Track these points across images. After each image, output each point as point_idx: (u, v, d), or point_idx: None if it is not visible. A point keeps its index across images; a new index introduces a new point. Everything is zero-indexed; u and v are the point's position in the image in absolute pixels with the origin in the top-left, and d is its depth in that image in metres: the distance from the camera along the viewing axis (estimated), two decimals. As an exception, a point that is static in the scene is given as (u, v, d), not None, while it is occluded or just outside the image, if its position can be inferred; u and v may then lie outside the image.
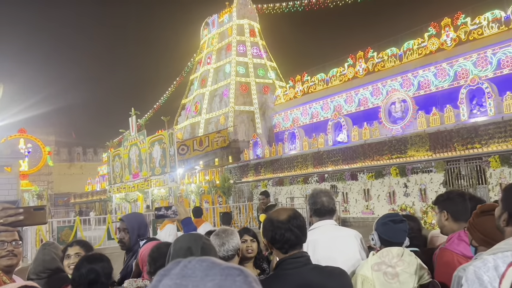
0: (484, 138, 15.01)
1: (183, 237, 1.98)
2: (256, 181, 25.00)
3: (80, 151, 64.32)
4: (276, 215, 1.99)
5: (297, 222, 1.94)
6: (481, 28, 18.32)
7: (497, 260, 1.54)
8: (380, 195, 18.32)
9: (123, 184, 25.53)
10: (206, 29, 42.10)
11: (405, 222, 2.46)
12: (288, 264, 1.90)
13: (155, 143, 21.98)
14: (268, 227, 1.96)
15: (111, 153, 27.87)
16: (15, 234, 2.01)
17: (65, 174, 60.43)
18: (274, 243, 1.94)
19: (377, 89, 22.65)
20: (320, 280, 1.88)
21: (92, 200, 44.82)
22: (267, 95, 34.14)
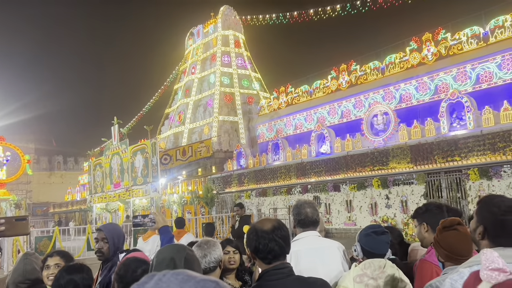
0: (464, 151, 15.31)
1: (166, 248, 1.95)
2: (239, 191, 24.93)
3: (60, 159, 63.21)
4: (260, 225, 1.99)
5: (281, 233, 1.94)
6: (460, 44, 18.79)
7: None
8: (362, 207, 18.45)
9: (104, 193, 25.15)
10: (191, 39, 42.17)
11: (387, 234, 2.48)
12: (271, 275, 1.90)
13: (138, 153, 21.77)
14: (252, 237, 1.95)
15: (92, 162, 27.48)
16: None
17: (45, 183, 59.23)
18: (258, 253, 1.93)
19: (360, 102, 22.95)
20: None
21: (72, 210, 43.98)
22: (251, 106, 34.26)
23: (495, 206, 1.68)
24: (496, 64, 17.52)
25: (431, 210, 2.61)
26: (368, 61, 23.02)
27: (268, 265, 1.93)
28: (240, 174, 25.21)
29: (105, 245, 2.92)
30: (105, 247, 2.93)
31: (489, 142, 14.74)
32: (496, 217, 1.65)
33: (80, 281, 2.25)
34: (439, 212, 2.59)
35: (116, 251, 2.98)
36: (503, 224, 1.63)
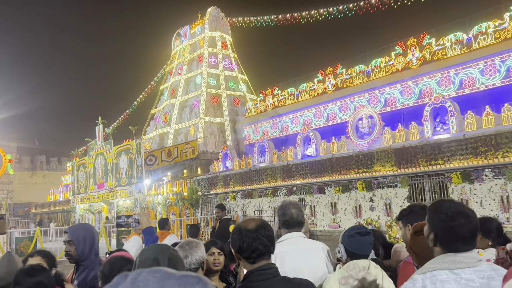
0: (447, 155, 15.53)
1: (149, 248, 1.93)
2: (225, 193, 24.87)
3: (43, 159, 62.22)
4: (245, 224, 1.98)
5: (266, 232, 1.93)
6: (444, 49, 19.09)
7: (425, 280, 1.58)
8: (347, 209, 18.57)
9: (87, 194, 24.82)
10: (177, 40, 41.99)
11: (370, 235, 2.49)
12: (256, 276, 1.88)
13: (122, 153, 21.55)
14: (236, 236, 1.94)
15: (75, 162, 27.11)
16: None
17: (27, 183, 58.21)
18: (242, 252, 1.92)
19: (345, 105, 23.12)
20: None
21: (54, 210, 43.30)
22: (238, 108, 34.25)
23: (442, 212, 1.69)
24: (479, 70, 17.85)
25: (416, 212, 2.62)
26: (354, 65, 23.23)
27: (252, 265, 1.92)
28: (225, 176, 25.15)
29: (71, 247, 2.81)
30: (72, 249, 2.82)
31: (471, 146, 14.98)
32: (445, 224, 1.66)
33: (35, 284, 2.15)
34: (424, 213, 2.60)
35: (90, 251, 2.88)
36: (451, 230, 1.64)
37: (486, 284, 1.56)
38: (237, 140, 31.89)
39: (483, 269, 1.60)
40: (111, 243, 15.82)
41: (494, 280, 1.57)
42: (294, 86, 26.69)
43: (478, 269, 1.59)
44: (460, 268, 1.58)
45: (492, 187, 14.32)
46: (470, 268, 1.59)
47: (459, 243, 1.64)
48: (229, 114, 34.56)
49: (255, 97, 33.77)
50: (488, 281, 1.57)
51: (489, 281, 1.57)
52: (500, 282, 1.55)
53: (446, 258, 1.63)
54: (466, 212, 1.66)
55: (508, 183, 13.92)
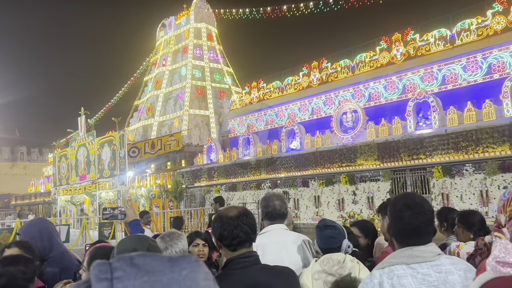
0: (429, 149, 15.76)
1: (128, 238, 1.91)
2: (208, 186, 24.82)
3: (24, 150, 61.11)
4: (226, 212, 1.95)
5: (247, 220, 1.91)
6: (428, 45, 19.29)
7: (382, 276, 1.57)
8: (330, 202, 18.72)
9: (69, 186, 24.50)
10: (162, 31, 41.52)
11: (332, 228, 2.41)
12: (237, 263, 1.87)
13: (105, 145, 21.30)
14: (217, 224, 1.91)
15: (57, 153, 26.70)
16: None
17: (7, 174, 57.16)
18: (222, 240, 1.89)
19: (330, 99, 23.23)
20: (268, 280, 1.87)
21: (35, 202, 42.64)
22: (223, 100, 34.12)
23: (392, 204, 1.70)
24: (461, 66, 18.09)
25: None
26: (339, 59, 23.31)
27: (233, 253, 1.90)
28: (210, 169, 25.09)
29: None
30: None
31: (452, 141, 15.23)
32: (393, 216, 1.67)
33: (16, 273, 2.07)
34: None
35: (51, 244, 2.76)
36: (398, 222, 1.64)
37: (443, 278, 1.54)
38: (222, 133, 31.79)
39: (442, 263, 1.58)
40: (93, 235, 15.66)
41: (452, 274, 1.55)
42: (280, 80, 26.68)
43: (436, 263, 1.57)
44: (417, 263, 1.56)
45: (472, 181, 14.60)
46: (428, 262, 1.57)
47: (408, 236, 1.61)
48: (214, 106, 34.40)
49: (241, 90, 33.66)
50: (446, 275, 1.55)
51: (447, 275, 1.55)
52: (459, 276, 1.55)
53: (403, 252, 1.61)
54: (415, 205, 1.63)
55: (488, 177, 14.21)
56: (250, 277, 1.84)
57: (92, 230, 16.85)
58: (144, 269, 0.53)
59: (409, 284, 1.53)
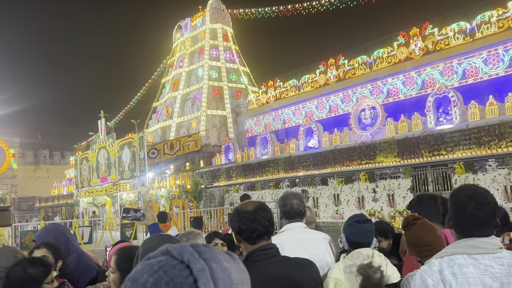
0: (450, 145, 15.47)
1: (152, 238, 1.95)
2: (227, 185, 24.91)
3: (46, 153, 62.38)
4: (243, 206, 1.98)
5: (264, 213, 1.93)
6: (447, 39, 18.94)
7: (442, 264, 1.56)
8: (350, 200, 18.57)
9: (90, 188, 24.91)
10: (178, 33, 41.83)
11: (370, 222, 2.47)
12: (257, 255, 1.90)
13: (125, 147, 21.58)
14: (235, 218, 1.94)
15: (78, 156, 27.18)
16: None
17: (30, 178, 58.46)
18: (241, 234, 1.92)
19: (348, 96, 23.04)
20: (288, 272, 1.89)
21: (58, 204, 43.52)
22: (240, 100, 34.18)
23: (455, 195, 1.69)
24: (482, 60, 17.71)
25: (424, 201, 2.61)
26: (356, 56, 23.10)
27: (253, 246, 1.93)
28: (228, 168, 25.18)
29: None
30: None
31: (474, 136, 14.92)
32: (455, 207, 1.66)
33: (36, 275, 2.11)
34: (432, 203, 2.59)
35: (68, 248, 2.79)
36: (460, 213, 1.63)
37: (506, 271, 1.53)
38: (239, 133, 31.86)
39: (503, 256, 1.57)
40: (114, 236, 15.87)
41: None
42: (296, 78, 26.58)
43: (498, 256, 1.56)
44: (479, 254, 1.56)
45: (496, 177, 14.28)
46: (490, 254, 1.56)
47: (471, 228, 1.61)
48: (231, 106, 34.50)
49: (257, 90, 33.67)
50: (509, 268, 1.54)
51: (509, 268, 1.54)
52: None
53: (464, 242, 1.60)
54: (478, 197, 1.62)
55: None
56: (271, 269, 1.87)
57: (114, 231, 17.09)
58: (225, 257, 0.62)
59: (471, 273, 1.52)
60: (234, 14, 39.93)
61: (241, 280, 0.60)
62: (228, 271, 0.59)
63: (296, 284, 1.88)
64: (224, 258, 0.61)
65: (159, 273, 0.59)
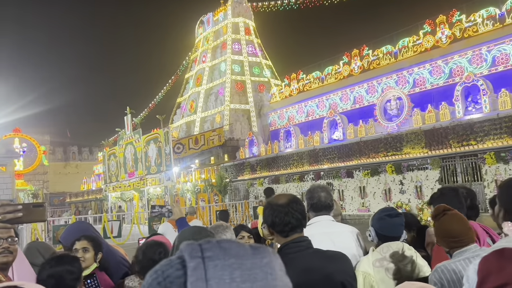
0: (480, 135, 15.06)
1: (187, 229, 2.01)
2: (252, 179, 24.99)
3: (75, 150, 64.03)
4: (276, 199, 1.99)
5: (297, 206, 1.94)
6: (476, 26, 18.37)
7: None
8: (376, 193, 18.35)
9: (118, 183, 25.43)
10: (201, 28, 42.00)
11: (401, 216, 2.44)
12: (290, 248, 1.91)
13: (151, 142, 21.90)
14: (268, 212, 1.95)
15: (106, 152, 27.76)
16: (11, 230, 1.95)
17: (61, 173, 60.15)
18: (275, 227, 1.94)
19: (372, 87, 22.69)
20: (321, 264, 1.90)
21: (88, 199, 44.65)
22: (263, 94, 34.11)
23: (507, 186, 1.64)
24: (513, 46, 17.12)
25: (446, 194, 2.56)
26: (381, 46, 22.68)
27: (286, 238, 1.94)
28: (252, 162, 25.24)
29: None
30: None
31: (505, 125, 14.47)
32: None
33: (64, 273, 2.11)
34: (455, 195, 2.54)
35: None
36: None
37: None
38: (263, 126, 31.85)
39: None
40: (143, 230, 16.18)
41: None
42: (319, 70, 26.33)
43: None
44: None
45: (528, 167, 13.83)
46: None
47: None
48: (254, 100, 34.49)
49: (280, 83, 33.53)
50: None
51: None
52: None
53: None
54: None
55: (546, 162, 13.42)
56: (304, 261, 1.88)
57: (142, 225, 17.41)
58: (230, 252, 0.58)
59: None
60: (255, 7, 39.80)
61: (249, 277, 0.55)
62: (233, 267, 0.55)
63: (329, 277, 1.88)
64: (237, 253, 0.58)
65: (158, 273, 0.59)
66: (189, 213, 7.70)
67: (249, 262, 0.57)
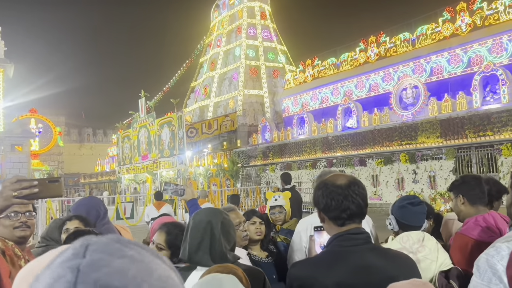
0: (497, 125, 14.79)
1: (203, 210, 1.99)
2: (264, 165, 25.02)
3: (90, 132, 64.82)
4: (333, 179, 1.64)
5: (359, 190, 1.61)
6: (497, 14, 17.90)
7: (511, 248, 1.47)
8: (389, 181, 18.24)
9: (132, 165, 25.71)
10: (216, 11, 41.73)
11: (423, 205, 2.38)
12: (345, 240, 1.59)
13: (164, 125, 22.02)
14: (322, 192, 1.62)
15: (120, 134, 28.00)
16: (29, 205, 1.98)
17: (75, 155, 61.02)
18: (329, 212, 1.61)
19: (389, 75, 22.37)
20: (382, 264, 1.58)
21: (101, 180, 45.31)
22: (277, 79, 33.93)
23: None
24: (535, 35, 16.66)
25: (468, 182, 2.49)
26: (398, 33, 22.28)
27: (340, 228, 1.61)
28: (265, 148, 25.25)
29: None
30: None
31: (524, 116, 14.18)
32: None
33: None
34: (477, 183, 2.47)
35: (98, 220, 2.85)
36: None
37: None
38: (276, 112, 31.75)
39: None
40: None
41: None
42: (335, 56, 26.03)
43: None
44: None
45: (546, 159, 13.58)
46: None
47: None
48: (268, 86, 34.33)
49: (295, 69, 33.27)
50: None
51: None
52: None
53: None
54: None
55: None
56: (362, 257, 1.58)
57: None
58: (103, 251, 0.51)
59: None
60: (272, -9, 39.32)
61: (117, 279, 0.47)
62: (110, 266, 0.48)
63: (392, 280, 1.44)
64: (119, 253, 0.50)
65: None
66: (201, 196, 7.77)
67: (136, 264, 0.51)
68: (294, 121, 24.90)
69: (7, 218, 1.92)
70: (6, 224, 1.92)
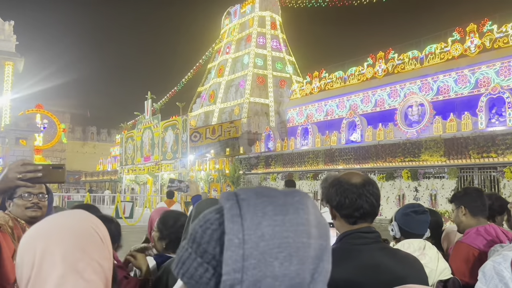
0: (501, 147, 14.78)
1: (205, 201, 2.00)
2: (265, 173, 25.01)
3: (94, 130, 64.99)
4: (347, 177, 1.65)
5: (373, 189, 1.62)
6: (507, 37, 17.97)
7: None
8: (390, 197, 18.19)
9: (134, 166, 25.76)
10: (227, 19, 42.04)
11: (427, 213, 2.39)
12: (355, 238, 1.60)
13: (169, 128, 22.10)
14: (336, 190, 1.62)
15: (124, 134, 28.09)
16: (42, 187, 2.03)
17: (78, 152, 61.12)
18: (341, 209, 1.60)
19: (395, 91, 22.42)
20: (392, 264, 1.58)
21: (102, 179, 45.33)
22: (283, 89, 34.04)
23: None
24: (544, 60, 16.70)
25: (470, 194, 2.50)
26: (407, 50, 22.37)
27: (352, 226, 1.62)
28: (267, 157, 25.25)
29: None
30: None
31: (529, 140, 14.16)
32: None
33: (114, 230, 2.26)
34: (479, 196, 2.48)
35: None
36: None
37: None
38: (281, 122, 31.81)
39: None
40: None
41: None
42: (343, 70, 26.12)
43: None
44: None
45: (549, 184, 13.53)
46: None
47: None
48: (274, 95, 34.44)
49: (302, 80, 33.39)
50: None
51: None
52: None
53: None
54: None
55: None
56: (372, 256, 1.58)
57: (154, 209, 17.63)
58: (263, 193, 0.62)
59: None
60: (283, 2, 39.64)
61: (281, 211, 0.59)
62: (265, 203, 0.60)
63: (401, 281, 1.42)
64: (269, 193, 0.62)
65: (200, 219, 0.65)
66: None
67: (281, 200, 0.61)
68: (298, 131, 24.93)
69: (20, 198, 1.98)
70: (19, 203, 1.99)
